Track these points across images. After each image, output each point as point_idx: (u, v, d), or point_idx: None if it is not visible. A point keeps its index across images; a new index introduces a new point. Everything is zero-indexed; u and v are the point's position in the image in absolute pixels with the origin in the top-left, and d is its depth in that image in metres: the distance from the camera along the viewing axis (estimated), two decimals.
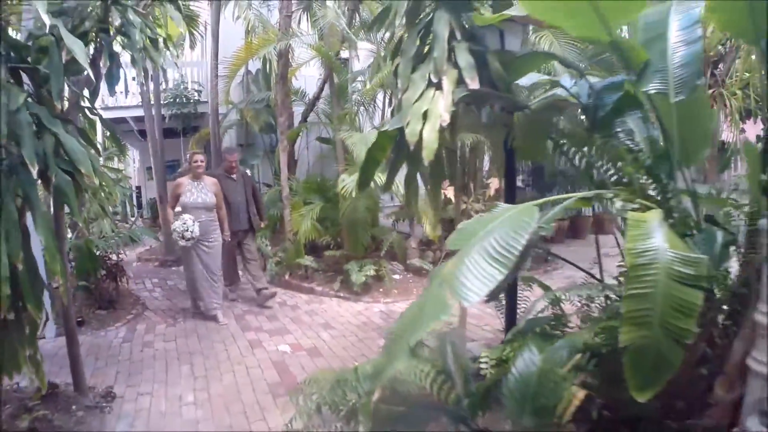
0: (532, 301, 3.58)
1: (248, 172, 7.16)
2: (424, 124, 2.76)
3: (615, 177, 2.78)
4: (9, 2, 3.02)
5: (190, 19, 8.78)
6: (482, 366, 2.92)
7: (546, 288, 3.46)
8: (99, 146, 5.59)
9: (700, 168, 4.78)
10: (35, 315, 2.71)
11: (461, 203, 7.57)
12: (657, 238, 2.08)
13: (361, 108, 7.89)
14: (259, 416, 3.68)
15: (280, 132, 7.45)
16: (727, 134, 8.88)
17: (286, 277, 7.56)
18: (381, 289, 6.86)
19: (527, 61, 3.46)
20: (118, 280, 6.36)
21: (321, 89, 8.65)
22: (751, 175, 2.28)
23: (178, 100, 10.62)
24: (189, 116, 10.95)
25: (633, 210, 2.34)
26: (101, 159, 6.77)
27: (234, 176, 6.54)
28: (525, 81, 3.86)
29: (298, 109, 9.16)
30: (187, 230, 5.52)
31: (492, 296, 2.09)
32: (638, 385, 2.03)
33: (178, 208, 5.76)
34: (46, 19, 2.22)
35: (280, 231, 8.19)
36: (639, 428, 2.48)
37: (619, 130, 3.15)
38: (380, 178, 4.85)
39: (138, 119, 11.05)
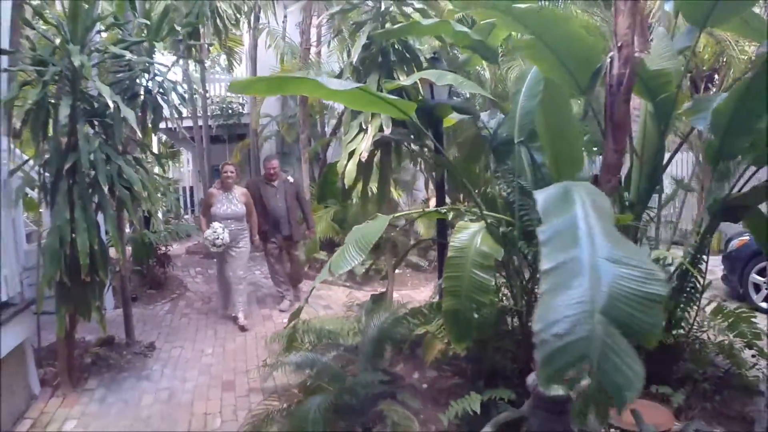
0: None
1: (290, 179, 7.30)
2: (350, 158, 4.30)
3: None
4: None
5: (232, 46, 10.64)
6: None
7: None
8: (155, 151, 7.27)
9: None
10: (103, 279, 4.44)
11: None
12: (467, 239, 3.54)
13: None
14: (255, 363, 5.30)
15: (302, 146, 9.12)
16: None
17: (306, 268, 9.22)
18: (380, 280, 8.39)
19: (447, 108, 4.91)
20: (166, 267, 8.21)
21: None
22: None
23: (223, 112, 12.55)
24: (233, 126, 12.88)
25: (463, 220, 3.79)
26: (155, 168, 8.51)
27: (274, 183, 6.94)
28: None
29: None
30: (217, 238, 6.06)
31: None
32: (455, 339, 3.48)
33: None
34: (110, 101, 3.88)
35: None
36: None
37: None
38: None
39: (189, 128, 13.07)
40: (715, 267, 7.16)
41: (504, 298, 4.06)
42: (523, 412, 3.02)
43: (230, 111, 12.86)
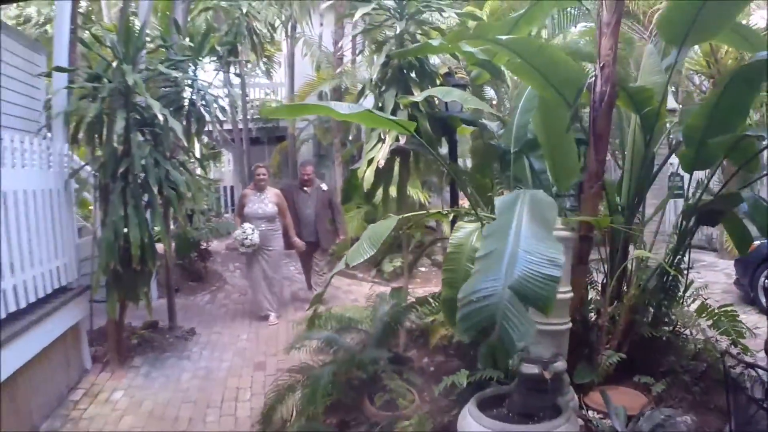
0: None
1: (324, 187, 7.62)
2: (368, 165, 4.87)
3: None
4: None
5: (271, 53, 11.38)
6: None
7: None
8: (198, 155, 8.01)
9: None
10: (151, 268, 5.14)
11: None
12: (464, 237, 4.06)
13: None
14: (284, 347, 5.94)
15: (336, 150, 9.76)
16: None
17: (348, 268, 9.83)
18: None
19: (457, 119, 5.42)
20: (206, 261, 8.97)
21: None
22: None
23: (263, 116, 13.32)
24: (272, 129, 13.65)
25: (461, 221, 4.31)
26: (198, 170, 9.27)
27: (307, 189, 7.30)
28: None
29: None
30: (246, 238, 6.39)
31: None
32: (453, 324, 3.98)
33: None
34: (159, 114, 4.56)
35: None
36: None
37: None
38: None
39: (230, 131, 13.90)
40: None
41: None
42: (507, 389, 3.55)
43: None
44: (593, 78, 3.89)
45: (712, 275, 8.44)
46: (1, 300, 3.94)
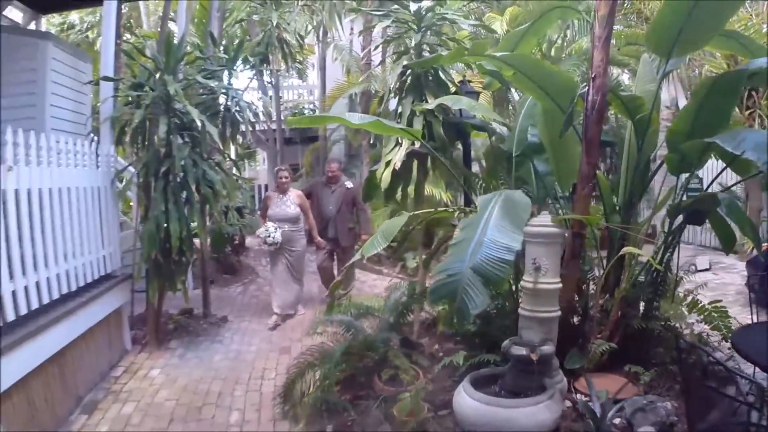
0: None
1: (349, 184, 7.70)
2: (386, 167, 5.39)
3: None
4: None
5: (305, 56, 12.01)
6: None
7: None
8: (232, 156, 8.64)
9: None
10: (189, 259, 5.77)
11: None
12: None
13: None
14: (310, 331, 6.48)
15: (364, 151, 10.30)
16: None
17: (364, 261, 10.38)
18: (430, 274, 9.41)
19: (468, 125, 5.88)
20: (239, 255, 9.62)
21: None
22: None
23: (297, 116, 13.98)
24: (305, 130, 14.28)
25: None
26: (233, 169, 9.93)
27: (332, 187, 7.47)
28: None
29: None
30: (269, 236, 6.65)
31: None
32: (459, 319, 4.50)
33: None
34: (198, 120, 5.15)
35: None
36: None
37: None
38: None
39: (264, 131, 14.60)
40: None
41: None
42: (500, 370, 4.01)
43: (302, 114, 14.33)
44: (586, 87, 4.32)
45: (729, 277, 8.71)
46: (57, 282, 4.58)
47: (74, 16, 14.06)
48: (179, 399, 4.89)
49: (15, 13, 8.08)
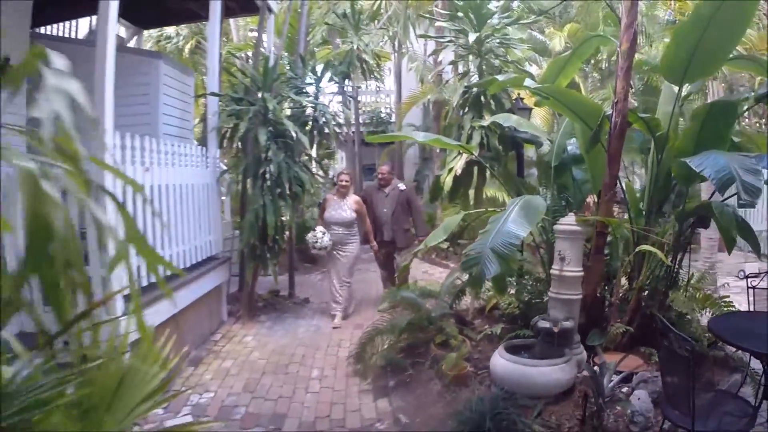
0: None
1: (402, 186, 7.84)
2: (449, 173, 6.57)
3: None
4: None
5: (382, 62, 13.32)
6: None
7: None
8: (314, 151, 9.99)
9: None
10: (281, 246, 7.16)
11: None
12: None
13: None
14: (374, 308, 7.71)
15: (435, 155, 11.48)
16: None
17: (432, 255, 11.61)
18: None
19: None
20: None
21: None
22: None
23: (373, 120, 15.35)
24: (382, 133, 15.62)
25: None
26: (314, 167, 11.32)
27: (385, 190, 7.81)
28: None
29: None
30: (316, 241, 7.16)
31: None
32: (497, 291, 5.64)
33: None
34: (292, 132, 6.50)
35: (436, 225, 12.31)
36: None
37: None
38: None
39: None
40: None
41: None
42: (531, 341, 5.09)
43: (380, 119, 15.71)
44: (611, 111, 5.32)
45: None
46: (177, 258, 6.02)
47: (170, 29, 15.85)
48: (269, 358, 6.19)
49: (120, 30, 9.40)
